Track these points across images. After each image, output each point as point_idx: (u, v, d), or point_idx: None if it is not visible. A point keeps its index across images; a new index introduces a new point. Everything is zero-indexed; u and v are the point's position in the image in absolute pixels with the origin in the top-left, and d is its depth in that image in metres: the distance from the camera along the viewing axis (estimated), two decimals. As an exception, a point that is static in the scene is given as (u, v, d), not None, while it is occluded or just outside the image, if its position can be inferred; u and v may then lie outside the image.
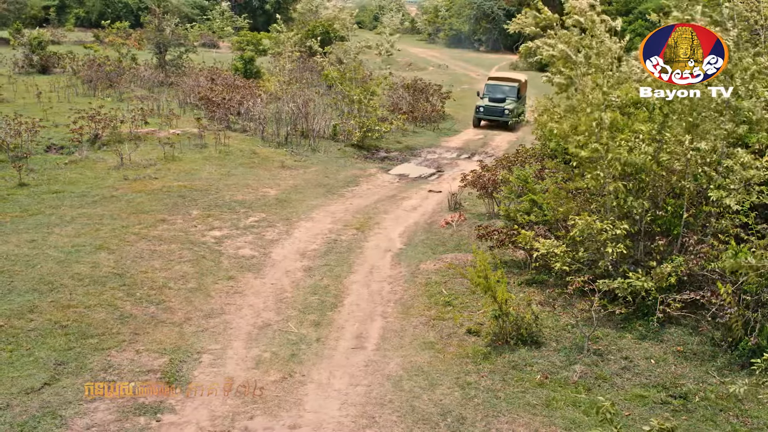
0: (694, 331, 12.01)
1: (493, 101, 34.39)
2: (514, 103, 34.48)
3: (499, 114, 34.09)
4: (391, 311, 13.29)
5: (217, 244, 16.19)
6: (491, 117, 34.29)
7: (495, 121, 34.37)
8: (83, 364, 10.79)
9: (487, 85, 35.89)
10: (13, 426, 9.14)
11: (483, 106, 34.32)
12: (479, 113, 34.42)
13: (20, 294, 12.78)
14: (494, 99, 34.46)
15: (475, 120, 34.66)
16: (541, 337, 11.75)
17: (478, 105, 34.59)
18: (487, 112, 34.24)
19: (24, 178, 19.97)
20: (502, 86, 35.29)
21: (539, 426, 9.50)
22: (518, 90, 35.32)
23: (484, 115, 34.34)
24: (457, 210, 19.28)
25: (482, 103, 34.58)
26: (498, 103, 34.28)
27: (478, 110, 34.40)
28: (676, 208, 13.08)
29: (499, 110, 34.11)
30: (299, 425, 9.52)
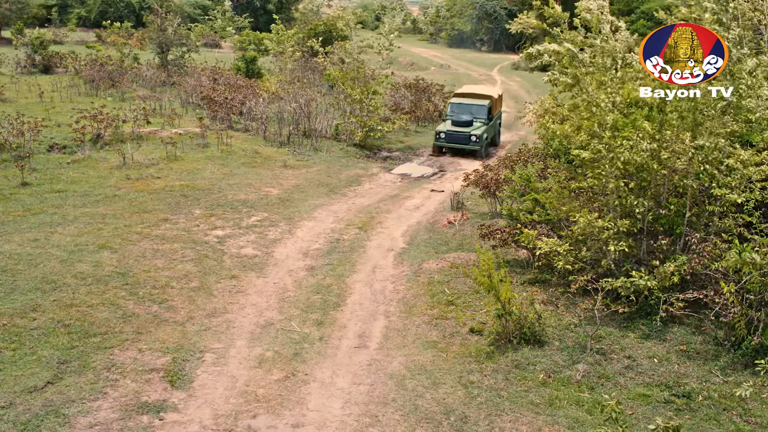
0: (697, 331, 12.00)
1: (457, 125, 28.04)
2: (484, 126, 28.26)
3: (464, 141, 27.71)
4: (394, 310, 13.29)
5: (219, 244, 16.19)
6: (454, 145, 28.01)
7: (460, 149, 28.17)
8: (86, 362, 10.79)
9: (452, 105, 29.49)
10: (17, 424, 9.14)
11: (444, 132, 27.99)
12: (439, 140, 28.08)
13: (23, 293, 12.80)
14: (458, 122, 28.09)
15: (435, 148, 28.51)
16: (544, 336, 11.74)
17: (438, 130, 28.27)
18: (450, 139, 27.89)
19: (27, 177, 19.99)
20: (468, 105, 28.89)
21: (542, 425, 9.50)
22: (489, 109, 28.82)
23: (445, 142, 28.00)
24: (460, 209, 19.27)
25: (444, 127, 28.31)
26: (463, 127, 27.90)
27: (438, 137, 28.08)
28: (679, 207, 13.06)
29: (463, 136, 27.68)
30: (302, 424, 9.52)
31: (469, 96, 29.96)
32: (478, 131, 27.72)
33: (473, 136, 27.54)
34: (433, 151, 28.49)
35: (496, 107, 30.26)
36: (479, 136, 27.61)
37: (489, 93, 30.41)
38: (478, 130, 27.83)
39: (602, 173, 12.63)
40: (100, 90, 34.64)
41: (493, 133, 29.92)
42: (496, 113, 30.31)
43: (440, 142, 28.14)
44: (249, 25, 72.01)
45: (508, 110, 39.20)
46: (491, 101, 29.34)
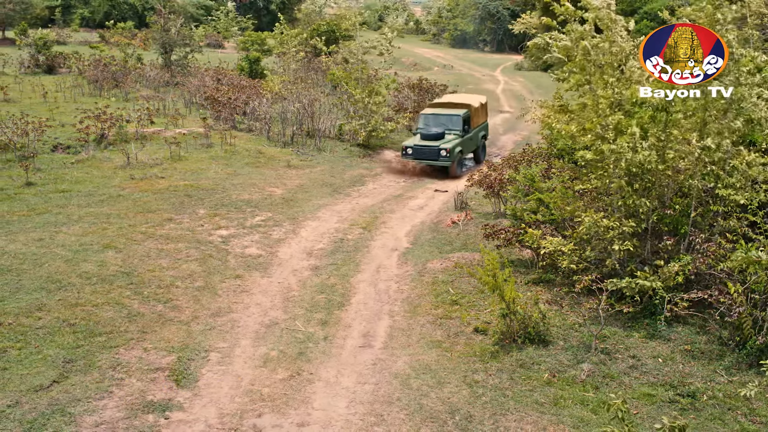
0: (702, 330, 11.99)
1: (426, 138, 25.02)
2: (458, 139, 25.19)
3: (434, 157, 24.64)
4: (398, 310, 13.30)
5: (223, 243, 16.21)
6: (423, 162, 25.01)
7: (430, 166, 25.26)
8: (92, 362, 10.82)
9: (423, 116, 26.47)
10: (23, 423, 9.17)
11: (411, 147, 24.94)
12: (406, 156, 25.15)
13: (28, 292, 12.82)
14: (428, 136, 25.03)
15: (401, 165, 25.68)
16: (548, 335, 11.75)
17: (404, 145, 25.25)
18: (417, 155, 24.84)
19: (31, 177, 20.03)
20: (441, 116, 25.94)
21: (547, 424, 9.51)
22: (465, 120, 25.80)
23: (412, 158, 25.02)
24: (464, 209, 19.29)
25: (411, 142, 25.33)
26: (432, 141, 24.86)
27: (405, 153, 25.11)
28: (684, 207, 13.06)
29: (432, 151, 24.64)
30: (307, 423, 9.54)
31: (446, 106, 27.14)
32: (448, 144, 24.66)
33: (443, 150, 24.48)
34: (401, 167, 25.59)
35: (475, 118, 26.95)
36: (450, 150, 24.48)
37: (469, 101, 27.32)
38: (449, 143, 24.76)
39: (606, 174, 12.63)
40: (104, 90, 34.70)
41: (473, 147, 26.91)
42: (476, 124, 27.09)
43: (407, 158, 25.16)
44: (252, 25, 72.03)
45: (511, 110, 39.25)
46: (468, 111, 26.33)
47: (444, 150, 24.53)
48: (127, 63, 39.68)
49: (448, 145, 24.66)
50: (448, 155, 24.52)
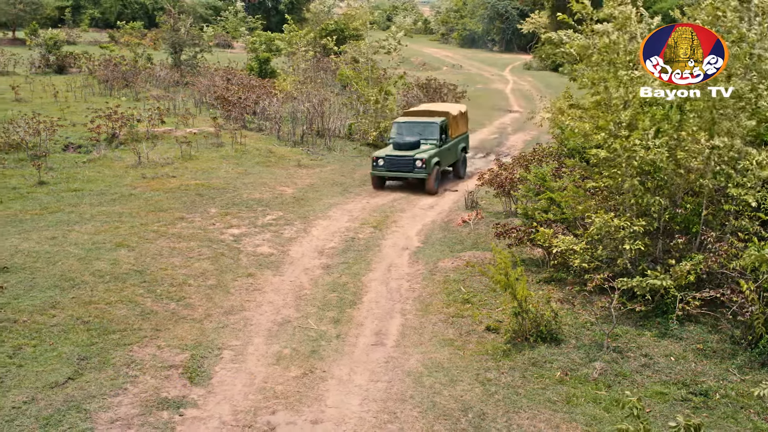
0: (713, 329, 11.99)
1: (399, 148, 22.52)
2: (435, 149, 22.67)
3: (408, 168, 22.13)
4: (410, 308, 13.34)
5: (235, 242, 16.29)
6: (396, 174, 22.46)
7: (403, 179, 23.01)
8: (106, 359, 10.88)
9: (396, 125, 23.89)
10: (39, 419, 9.23)
11: (383, 158, 22.33)
12: (378, 169, 22.41)
13: (42, 290, 12.90)
14: (402, 145, 22.51)
15: (374, 179, 22.73)
16: (560, 334, 11.76)
17: (376, 156, 22.59)
18: (390, 166, 22.26)
19: (43, 176, 20.17)
20: (416, 124, 23.50)
21: (560, 422, 9.53)
22: (442, 128, 23.41)
23: (385, 170, 22.37)
24: (474, 208, 19.32)
25: (382, 152, 22.80)
26: (407, 150, 22.39)
27: (376, 165, 22.40)
28: (695, 206, 13.05)
29: (406, 162, 22.12)
30: (321, 420, 9.58)
31: (422, 114, 24.68)
32: (424, 154, 22.09)
33: (418, 160, 21.93)
34: (374, 185, 22.70)
35: (454, 127, 24.53)
36: (426, 161, 21.88)
37: (447, 109, 24.93)
38: (425, 153, 22.22)
39: (618, 172, 12.64)
40: (114, 90, 34.90)
41: (452, 159, 24.42)
42: (455, 135, 24.68)
43: (378, 170, 22.42)
44: (261, 25, 72.21)
45: (520, 110, 39.30)
46: (446, 119, 23.89)
47: (419, 160, 21.94)
48: (137, 63, 39.83)
49: (423, 155, 22.08)
50: (423, 166, 21.92)
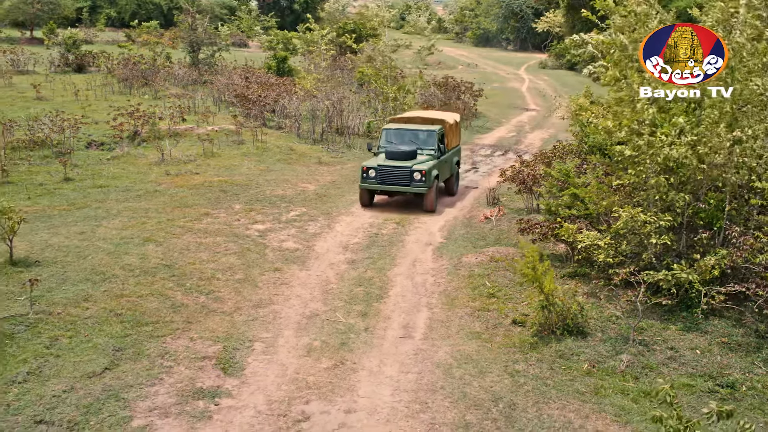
0: (738, 324, 12.11)
1: (393, 158, 19.57)
2: (434, 160, 19.85)
3: (404, 181, 19.21)
4: (436, 302, 13.51)
5: (261, 237, 16.49)
6: (390, 188, 19.47)
7: (399, 193, 20.06)
8: (140, 350, 11.09)
9: (386, 132, 21.02)
10: (79, 407, 9.45)
11: (375, 169, 19.34)
12: (368, 181, 19.42)
13: (74, 284, 13.13)
14: (396, 154, 19.56)
15: (362, 196, 19.75)
16: (586, 327, 11.90)
17: (366, 166, 19.50)
18: (383, 179, 19.31)
19: (69, 173, 20.42)
20: (411, 132, 20.69)
21: (589, 413, 9.68)
22: (441, 137, 20.73)
23: (378, 183, 19.38)
24: (496, 205, 19.46)
25: (374, 162, 19.70)
26: (403, 160, 19.47)
27: (366, 177, 19.40)
28: (718, 201, 13.16)
29: (402, 174, 19.20)
30: (354, 410, 9.76)
31: (412, 121, 21.95)
32: (423, 165, 19.21)
33: (417, 172, 19.04)
34: (362, 202, 19.77)
35: (450, 137, 21.73)
36: (426, 173, 19.00)
37: (442, 117, 22.29)
38: (425, 164, 19.32)
39: (642, 169, 12.76)
40: (134, 88, 35.18)
41: (448, 174, 21.41)
42: (450, 146, 21.79)
43: (369, 183, 19.38)
44: (275, 24, 72.50)
45: (537, 108, 39.37)
46: (443, 127, 21.19)
47: (418, 172, 19.04)
48: (156, 61, 40.16)
49: (423, 166, 19.19)
50: (423, 179, 19.02)
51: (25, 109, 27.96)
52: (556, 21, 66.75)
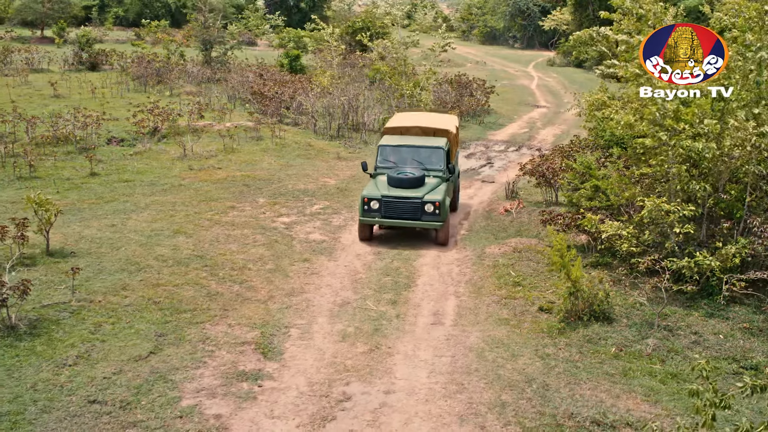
0: (758, 310, 12.47)
1: (400, 186, 16.41)
2: (444, 183, 16.87)
3: (415, 214, 16.09)
4: (463, 291, 13.88)
5: (287, 230, 16.87)
6: (397, 222, 16.32)
7: (407, 228, 16.77)
8: (182, 335, 11.48)
9: (383, 149, 17.59)
10: (130, 388, 9.83)
11: (379, 200, 16.18)
12: (370, 214, 16.27)
13: (110, 273, 13.54)
14: (402, 181, 16.43)
15: (362, 230, 16.51)
16: (612, 313, 12.27)
17: (368, 197, 16.28)
18: (389, 212, 16.19)
19: (94, 168, 20.80)
20: (414, 149, 17.38)
21: (620, 393, 10.04)
22: (447, 153, 17.49)
23: (382, 217, 16.25)
24: (515, 198, 19.81)
25: (376, 191, 16.40)
26: (411, 189, 16.32)
27: (368, 209, 16.24)
28: (739, 192, 13.51)
29: (412, 206, 16.07)
30: (393, 390, 10.14)
31: (409, 131, 18.56)
32: (437, 195, 16.11)
33: (429, 204, 15.94)
34: (360, 236, 16.57)
35: (454, 148, 19.08)
36: (441, 205, 15.96)
37: (441, 125, 18.80)
38: (437, 192, 16.24)
39: (665, 160, 13.10)
40: (148, 86, 35.56)
41: (452, 192, 18.09)
42: (454, 156, 19.02)
43: (371, 217, 16.27)
44: (282, 23, 72.81)
45: (548, 105, 39.66)
46: (448, 137, 18.19)
47: (431, 204, 15.94)
48: (170, 60, 40.54)
49: (436, 196, 16.08)
50: (437, 212, 15.98)
51: (44, 107, 28.40)
52: (564, 19, 67.07)
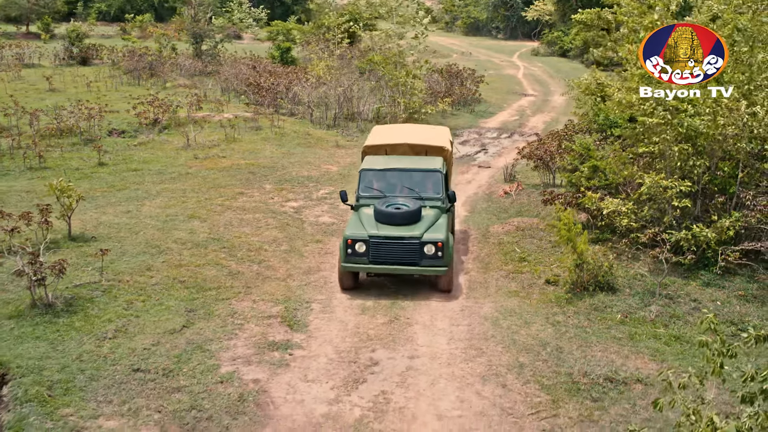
0: (752, 279, 13.25)
1: (390, 222, 13.27)
2: (444, 215, 13.84)
3: (412, 258, 12.92)
4: (472, 267, 14.55)
5: (296, 213, 17.49)
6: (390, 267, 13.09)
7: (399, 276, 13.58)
8: (210, 311, 12.09)
9: (365, 174, 14.38)
10: (170, 357, 10.45)
11: (367, 242, 12.97)
12: (354, 259, 13.01)
13: (133, 256, 14.10)
14: (393, 216, 13.30)
15: (344, 279, 13.23)
16: (615, 284, 12.99)
17: (351, 238, 13.01)
18: (379, 255, 13.00)
19: (102, 158, 21.30)
20: (406, 174, 14.34)
21: (628, 353, 10.77)
22: (445, 177, 14.64)
23: (370, 262, 13.03)
24: (513, 181, 20.50)
25: (362, 230, 13.16)
26: (405, 226, 13.22)
27: (352, 253, 12.98)
28: (731, 169, 14.25)
29: (408, 248, 12.94)
30: (417, 356, 10.81)
31: (399, 150, 15.39)
32: (438, 233, 13.09)
33: (430, 245, 12.87)
34: (342, 284, 13.30)
35: (450, 168, 16.00)
36: (444, 245, 12.88)
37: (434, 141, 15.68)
38: (438, 229, 13.24)
39: (667, 138, 13.81)
40: (141, 80, 35.95)
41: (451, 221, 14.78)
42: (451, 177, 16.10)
43: (356, 262, 13.04)
44: (266, 16, 72.99)
45: (535, 93, 40.39)
46: (444, 157, 15.26)
47: (432, 245, 12.87)
48: (162, 53, 40.91)
49: (437, 234, 13.05)
50: (439, 254, 12.86)
51: (41, 101, 28.77)
52: (546, 9, 67.71)
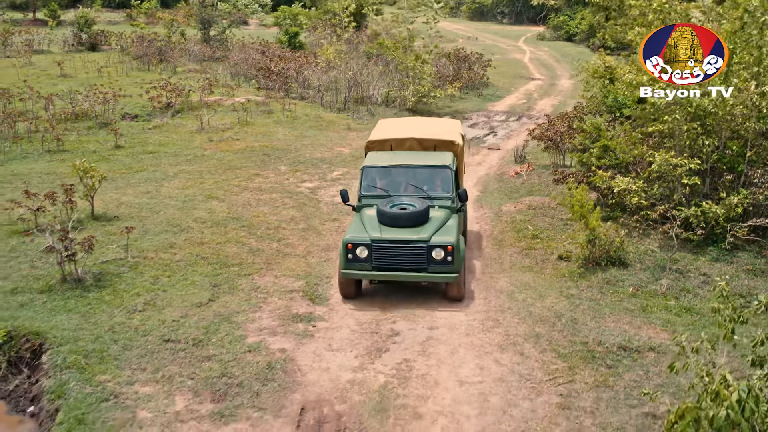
0: (759, 255, 13.59)
1: (395, 224, 12.01)
2: (454, 216, 12.63)
3: (418, 263, 11.75)
4: (486, 244, 14.92)
5: (312, 193, 17.86)
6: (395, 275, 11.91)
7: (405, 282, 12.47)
8: (234, 285, 12.47)
9: (368, 171, 13.39)
10: (199, 328, 10.84)
11: (369, 246, 11.78)
12: (355, 265, 11.85)
13: (156, 234, 14.48)
14: (398, 218, 12.01)
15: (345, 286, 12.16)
16: (627, 259, 13.35)
17: (352, 242, 11.83)
18: (382, 261, 11.81)
19: (118, 141, 21.67)
20: (412, 170, 13.16)
21: (641, 324, 11.14)
22: (456, 174, 13.27)
23: (373, 269, 11.86)
24: (524, 162, 20.84)
25: (363, 233, 12.01)
26: (412, 228, 11.95)
27: (352, 258, 11.81)
28: (740, 147, 14.57)
29: (415, 253, 11.71)
30: (436, 327, 11.19)
31: (405, 145, 14.31)
32: (448, 235, 11.94)
33: (439, 248, 11.73)
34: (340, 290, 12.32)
35: (461, 165, 14.73)
36: (454, 248, 11.75)
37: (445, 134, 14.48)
38: (448, 231, 12.09)
39: (678, 117, 14.12)
40: (151, 65, 36.24)
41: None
42: (462, 174, 14.81)
43: (357, 268, 11.96)
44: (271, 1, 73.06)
45: (542, 77, 40.64)
46: (455, 152, 14.02)
47: (441, 249, 11.74)
48: (171, 39, 41.18)
49: (447, 237, 11.91)
50: (449, 258, 11.75)
51: (53, 86, 29.06)
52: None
